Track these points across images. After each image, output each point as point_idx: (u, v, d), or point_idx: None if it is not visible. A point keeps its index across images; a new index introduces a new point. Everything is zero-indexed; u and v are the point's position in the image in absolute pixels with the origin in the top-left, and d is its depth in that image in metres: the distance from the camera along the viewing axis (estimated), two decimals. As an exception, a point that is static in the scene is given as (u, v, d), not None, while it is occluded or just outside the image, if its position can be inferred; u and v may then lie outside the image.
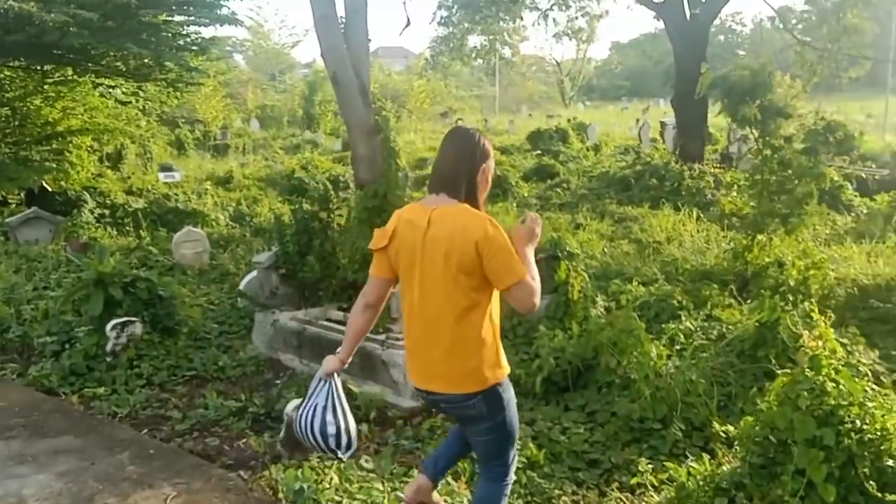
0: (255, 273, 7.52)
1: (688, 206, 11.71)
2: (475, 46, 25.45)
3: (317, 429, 2.83)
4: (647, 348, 5.17)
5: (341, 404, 2.88)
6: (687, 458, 4.06)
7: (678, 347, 5.61)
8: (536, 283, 2.63)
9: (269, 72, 46.82)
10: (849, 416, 3.06)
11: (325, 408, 2.84)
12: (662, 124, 22.34)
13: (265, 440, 4.59)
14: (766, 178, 7.88)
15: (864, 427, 3.06)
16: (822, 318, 4.92)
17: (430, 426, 4.70)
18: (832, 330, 4.05)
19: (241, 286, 7.55)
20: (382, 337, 5.52)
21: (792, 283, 7.20)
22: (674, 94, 16.63)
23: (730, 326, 6.49)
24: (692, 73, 16.57)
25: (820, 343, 3.36)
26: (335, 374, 2.90)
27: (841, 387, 3.12)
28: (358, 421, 3.33)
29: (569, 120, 25.07)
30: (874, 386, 3.53)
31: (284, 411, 4.28)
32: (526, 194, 15.13)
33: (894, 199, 11.45)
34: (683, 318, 6.76)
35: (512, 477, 2.95)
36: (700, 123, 15.94)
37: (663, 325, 6.61)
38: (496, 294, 2.70)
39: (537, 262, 2.77)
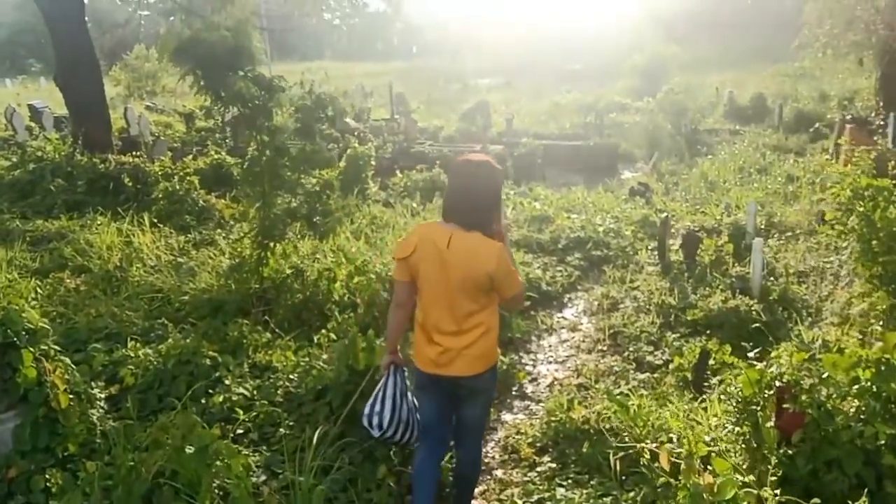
0: None
1: (130, 210, 9.38)
2: None
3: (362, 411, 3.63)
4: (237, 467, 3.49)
5: (384, 392, 3.57)
6: None
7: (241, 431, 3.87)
8: (523, 288, 3.52)
9: None
10: None
11: (374, 394, 3.62)
12: (32, 108, 18.55)
13: None
14: (264, 171, 6.45)
15: None
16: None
17: None
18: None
19: None
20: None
21: (337, 296, 6.06)
22: (56, 69, 13.51)
23: (293, 376, 5.01)
24: (75, 38, 13.91)
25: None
26: (391, 368, 3.60)
27: None
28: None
29: None
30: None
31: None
32: None
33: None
34: (228, 381, 5.00)
35: None
36: (100, 103, 13.41)
37: (205, 400, 4.78)
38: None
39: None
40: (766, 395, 3.43)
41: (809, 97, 21.72)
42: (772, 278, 6.99)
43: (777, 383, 3.39)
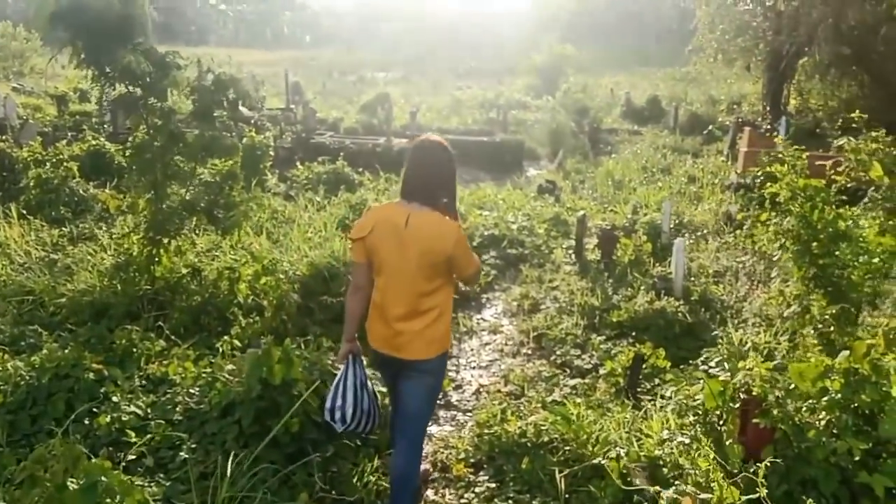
0: None
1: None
2: None
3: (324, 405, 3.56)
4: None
5: (343, 384, 3.50)
6: None
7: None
8: (480, 263, 3.61)
9: None
10: None
11: (333, 386, 3.54)
12: None
13: None
14: (156, 158, 5.79)
15: None
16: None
17: None
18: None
19: None
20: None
21: (241, 298, 5.49)
22: None
23: (194, 390, 4.47)
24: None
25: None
26: (350, 357, 3.52)
27: None
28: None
29: None
30: None
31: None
32: None
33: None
34: (116, 398, 4.40)
35: None
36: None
37: (90, 421, 4.18)
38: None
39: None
40: (728, 408, 3.21)
41: (699, 100, 22.55)
42: (692, 278, 6.96)
43: (741, 395, 3.18)
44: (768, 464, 2.95)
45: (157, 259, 5.81)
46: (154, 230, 5.75)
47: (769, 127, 16.62)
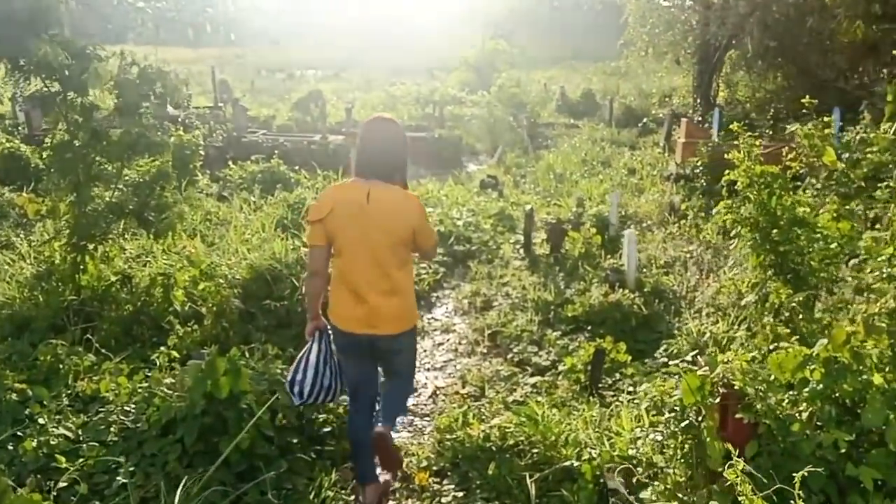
0: None
1: None
2: None
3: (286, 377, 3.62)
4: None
5: (307, 359, 3.51)
6: None
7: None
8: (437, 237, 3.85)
9: None
10: None
11: (297, 360, 3.55)
12: None
13: None
14: (77, 158, 5.38)
15: None
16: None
17: None
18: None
19: None
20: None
21: (178, 305, 5.13)
22: None
23: (129, 408, 4.14)
24: None
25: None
26: (316, 334, 3.52)
27: None
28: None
29: None
30: None
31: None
32: None
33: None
34: (42, 420, 4.04)
35: None
36: None
37: (13, 446, 3.82)
38: None
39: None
40: (707, 404, 3.09)
41: (632, 94, 22.87)
42: (643, 270, 6.91)
43: (721, 389, 3.06)
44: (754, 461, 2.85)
45: (82, 267, 5.40)
46: (78, 235, 5.34)
47: (701, 119, 16.99)
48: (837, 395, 2.93)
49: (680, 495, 3.15)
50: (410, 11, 54.83)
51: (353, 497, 3.81)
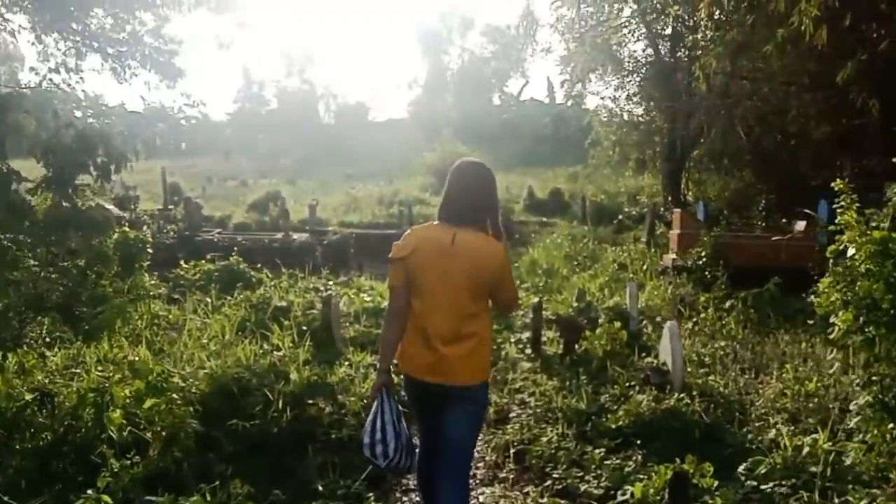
0: None
1: None
2: None
3: (362, 441, 3.21)
4: None
5: (381, 417, 3.17)
6: None
7: None
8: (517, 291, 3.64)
9: None
10: None
11: (370, 422, 3.19)
12: None
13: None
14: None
15: None
16: None
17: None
18: None
19: None
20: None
21: (114, 431, 3.82)
22: None
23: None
24: None
25: None
26: (383, 392, 3.21)
27: None
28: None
29: None
30: None
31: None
32: None
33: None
34: None
35: None
36: None
37: None
38: None
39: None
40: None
41: (599, 193, 22.56)
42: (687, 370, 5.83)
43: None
44: None
45: (-14, 381, 4.07)
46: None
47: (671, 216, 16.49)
48: None
49: None
50: (360, 125, 55.32)
51: None
